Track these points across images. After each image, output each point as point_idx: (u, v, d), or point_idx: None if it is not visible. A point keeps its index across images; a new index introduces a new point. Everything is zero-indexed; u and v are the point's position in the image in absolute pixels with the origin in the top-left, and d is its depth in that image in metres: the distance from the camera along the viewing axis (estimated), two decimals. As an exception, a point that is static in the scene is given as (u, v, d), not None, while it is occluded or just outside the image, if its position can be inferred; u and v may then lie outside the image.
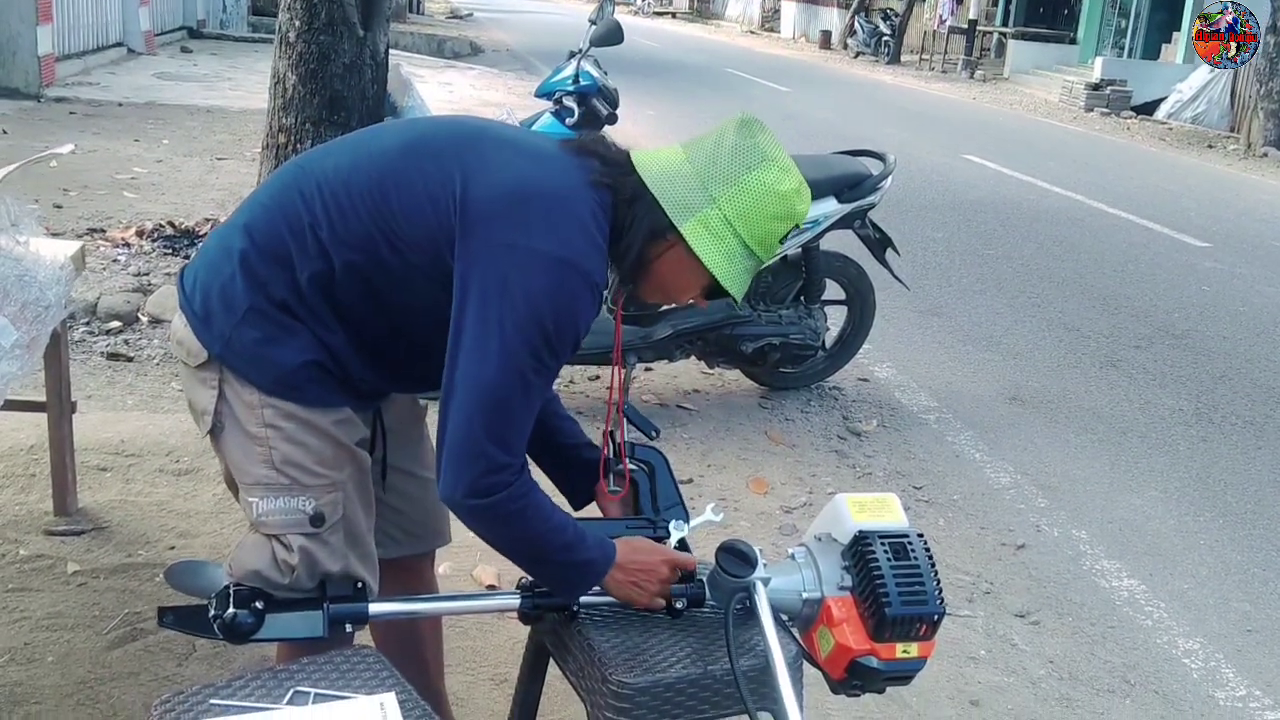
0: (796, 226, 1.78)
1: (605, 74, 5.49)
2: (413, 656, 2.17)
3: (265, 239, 1.75)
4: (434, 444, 2.18)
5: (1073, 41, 24.56)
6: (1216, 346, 6.22)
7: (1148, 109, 18.87)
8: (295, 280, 1.73)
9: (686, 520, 1.93)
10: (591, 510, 2.06)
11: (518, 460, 1.68)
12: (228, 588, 1.71)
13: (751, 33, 36.30)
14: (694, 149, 1.76)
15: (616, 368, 2.10)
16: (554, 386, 2.09)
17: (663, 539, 1.90)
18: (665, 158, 1.77)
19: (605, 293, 4.32)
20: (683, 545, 1.90)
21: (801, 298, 4.65)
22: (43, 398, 3.13)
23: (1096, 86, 19.62)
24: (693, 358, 4.67)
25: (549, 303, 1.63)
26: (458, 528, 2.23)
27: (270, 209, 1.77)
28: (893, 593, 1.70)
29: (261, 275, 1.73)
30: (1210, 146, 15.88)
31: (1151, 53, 21.87)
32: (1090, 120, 18.30)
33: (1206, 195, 11.52)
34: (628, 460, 1.98)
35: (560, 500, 1.91)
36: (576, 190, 1.72)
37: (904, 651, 1.73)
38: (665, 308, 4.34)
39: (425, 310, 1.74)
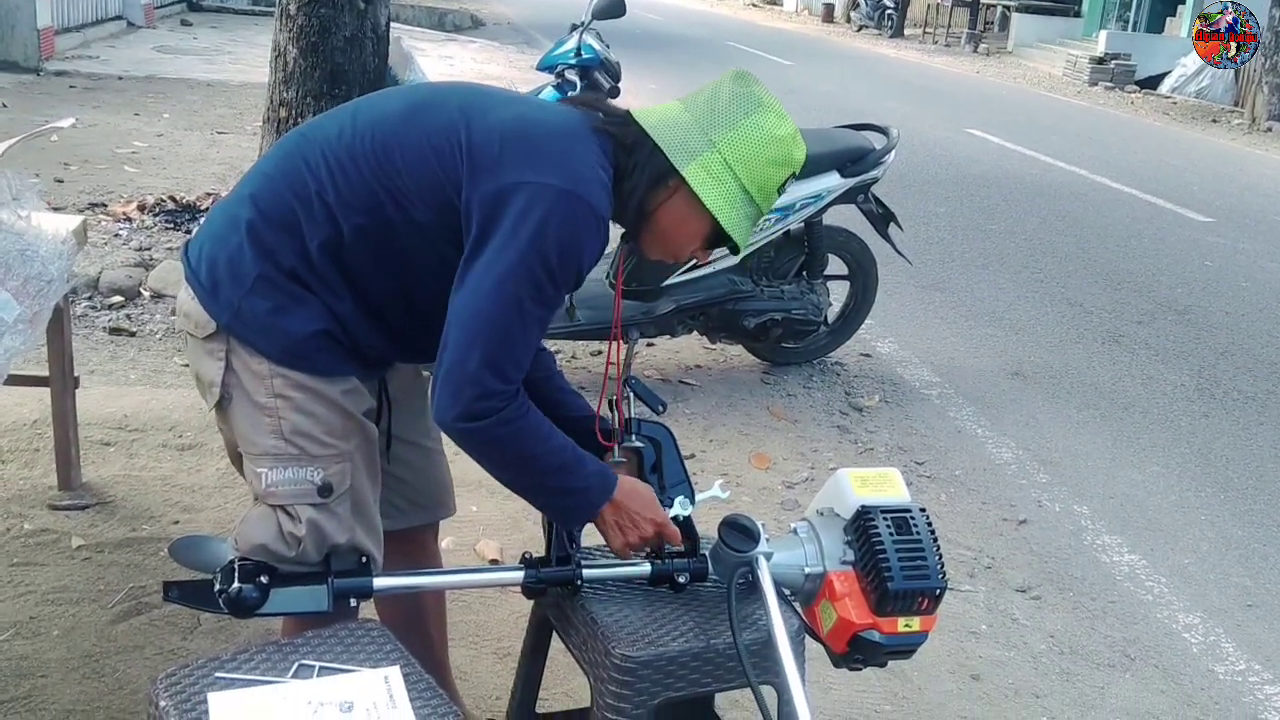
0: (793, 174, 1.80)
1: (607, 47, 5.46)
2: (417, 630, 2.18)
3: (272, 207, 1.75)
4: None
5: (1077, 15, 24.42)
6: (1219, 322, 6.22)
7: (1152, 83, 18.79)
8: (304, 248, 1.73)
9: (692, 499, 1.94)
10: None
11: (512, 387, 1.69)
12: (233, 562, 1.72)
13: (754, 5, 36.08)
14: (691, 101, 1.80)
15: (616, 342, 2.10)
16: (557, 364, 2.09)
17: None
18: (663, 109, 1.81)
19: (608, 263, 4.33)
20: (687, 524, 1.91)
21: (804, 273, 4.64)
22: (46, 372, 3.14)
23: (1100, 60, 19.52)
24: (695, 333, 4.67)
25: (553, 232, 1.64)
26: (461, 501, 2.24)
27: (275, 178, 1.78)
28: (895, 567, 1.71)
29: (269, 244, 1.74)
30: (1214, 121, 15.82)
31: (1156, 26, 21.76)
32: (1094, 94, 18.22)
33: (1210, 170, 11.49)
34: (634, 436, 1.98)
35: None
36: (580, 133, 1.75)
37: (906, 625, 1.74)
38: (667, 282, 4.34)
39: (433, 271, 1.74)
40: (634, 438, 1.98)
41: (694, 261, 4.27)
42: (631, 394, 1.98)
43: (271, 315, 1.74)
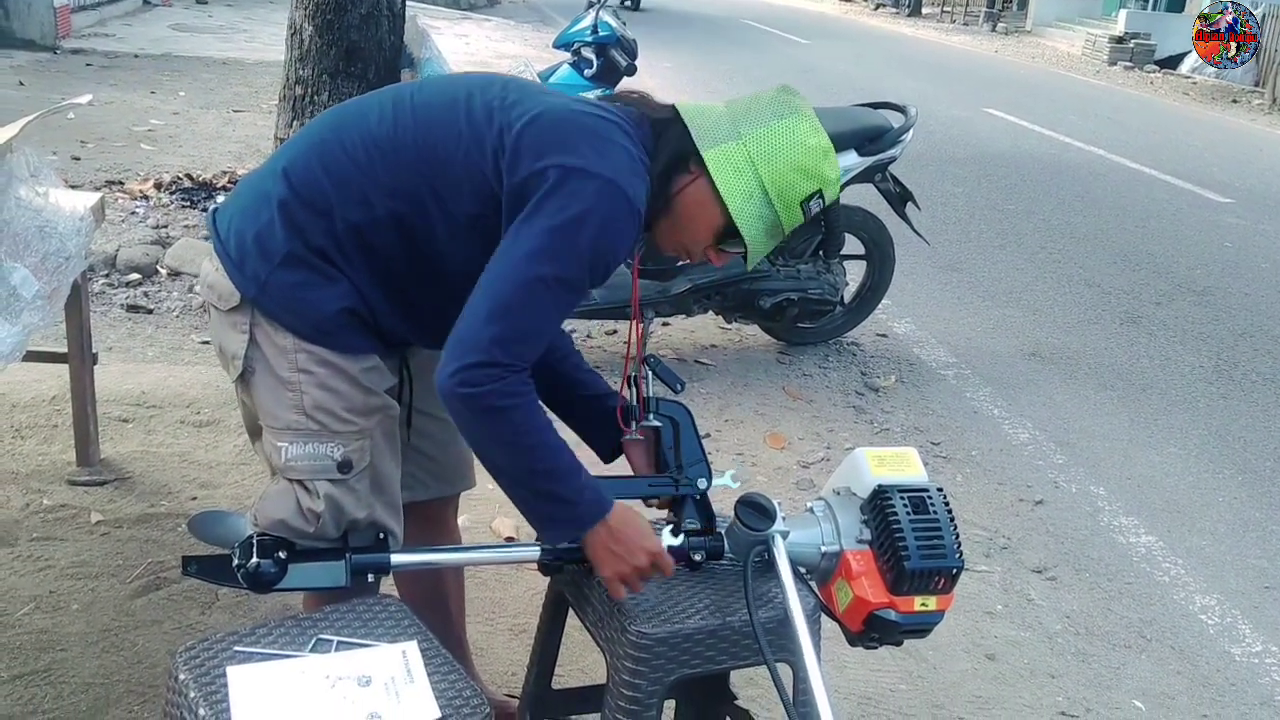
0: (819, 193, 1.77)
1: (624, 25, 5.44)
2: (436, 607, 2.19)
3: (305, 187, 1.75)
4: None
5: (1097, -7, 24.22)
6: (1238, 303, 6.18)
7: (1171, 63, 18.63)
8: (333, 229, 1.73)
9: (709, 478, 1.93)
10: (620, 466, 2.06)
11: (519, 363, 1.64)
12: (251, 537, 1.72)
13: (770, -16, 35.85)
14: (734, 101, 1.82)
15: (634, 321, 2.10)
16: (574, 344, 2.09)
17: (686, 495, 1.90)
18: (706, 104, 1.82)
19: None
20: (704, 501, 1.90)
21: (820, 252, 4.63)
22: (64, 349, 3.15)
23: (1120, 40, 19.37)
24: (710, 313, 4.66)
25: (591, 220, 1.63)
26: (478, 479, 2.24)
27: (310, 157, 1.77)
28: (911, 546, 1.70)
29: (300, 222, 1.74)
30: (1235, 101, 15.69)
31: (1176, 6, 21.56)
32: (1113, 74, 18.07)
33: (1230, 151, 11.40)
34: (652, 415, 1.97)
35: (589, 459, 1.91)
36: (621, 122, 1.75)
37: (922, 605, 1.74)
38: (683, 262, 4.33)
39: (459, 267, 1.74)
40: (652, 416, 1.98)
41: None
42: (650, 373, 1.98)
43: (298, 290, 1.74)
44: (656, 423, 1.97)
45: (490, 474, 1.74)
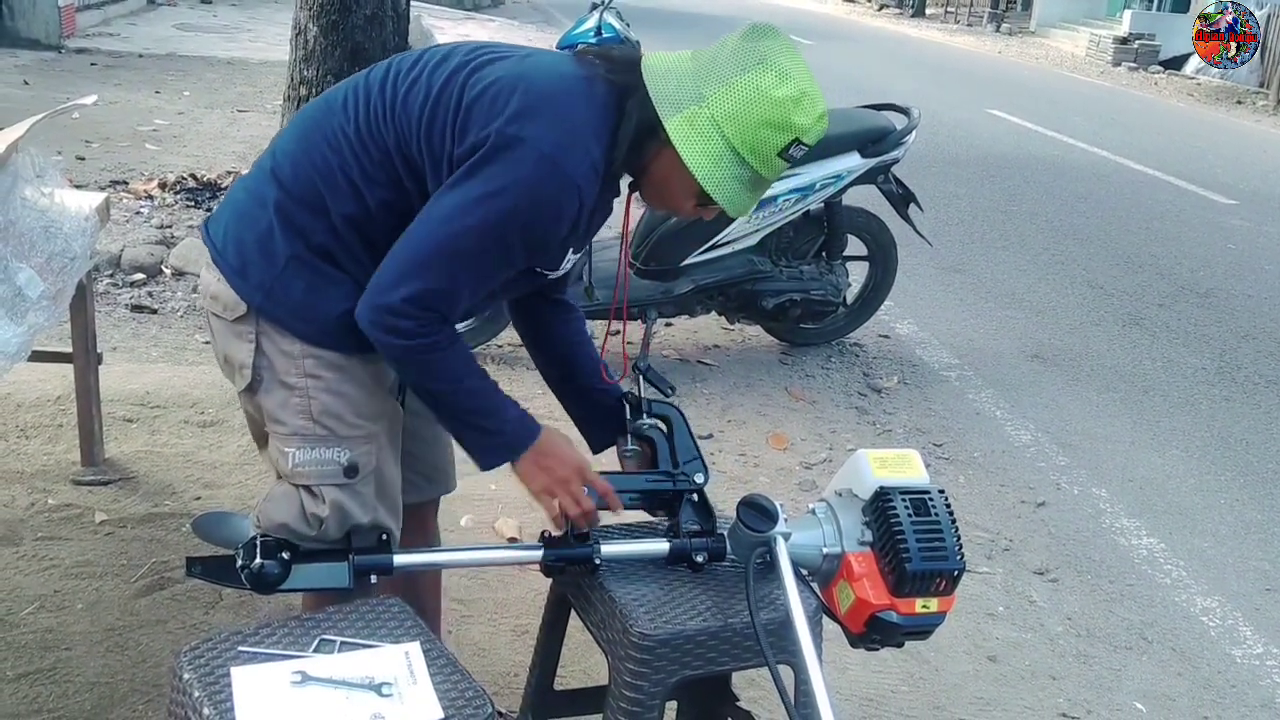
0: (797, 140, 1.68)
1: (628, 26, 5.45)
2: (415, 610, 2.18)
3: (295, 185, 1.74)
4: None
5: (1101, -6, 24.20)
6: (1241, 305, 6.18)
7: (1176, 64, 18.62)
8: (331, 224, 1.73)
9: (706, 473, 1.94)
10: (611, 462, 2.07)
11: (434, 318, 1.69)
12: (255, 538, 1.73)
13: (774, -15, 35.84)
14: (700, 52, 1.74)
15: (613, 321, 2.10)
16: (587, 328, 2.09)
17: (685, 497, 1.91)
18: (673, 58, 1.75)
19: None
20: (703, 501, 1.91)
21: (823, 253, 4.63)
22: (69, 349, 3.16)
23: (1124, 40, 19.37)
24: (713, 313, 4.67)
25: (515, 194, 1.63)
26: (480, 479, 2.25)
27: (296, 155, 1.77)
28: (913, 548, 1.71)
29: (299, 223, 1.74)
30: (1239, 103, 15.67)
31: (1180, 6, 21.53)
32: (1117, 75, 18.06)
33: (1234, 152, 11.39)
34: (645, 415, 1.98)
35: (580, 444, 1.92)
36: (573, 84, 1.71)
37: (923, 606, 1.74)
38: (686, 262, 4.34)
39: None
40: (645, 425, 1.98)
41: (713, 241, 4.32)
42: (642, 379, 1.99)
43: (306, 295, 1.74)
44: (650, 435, 1.98)
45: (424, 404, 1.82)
